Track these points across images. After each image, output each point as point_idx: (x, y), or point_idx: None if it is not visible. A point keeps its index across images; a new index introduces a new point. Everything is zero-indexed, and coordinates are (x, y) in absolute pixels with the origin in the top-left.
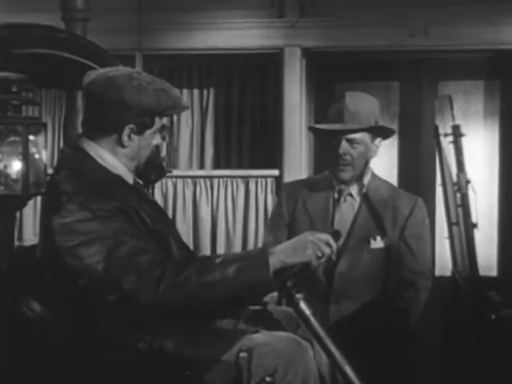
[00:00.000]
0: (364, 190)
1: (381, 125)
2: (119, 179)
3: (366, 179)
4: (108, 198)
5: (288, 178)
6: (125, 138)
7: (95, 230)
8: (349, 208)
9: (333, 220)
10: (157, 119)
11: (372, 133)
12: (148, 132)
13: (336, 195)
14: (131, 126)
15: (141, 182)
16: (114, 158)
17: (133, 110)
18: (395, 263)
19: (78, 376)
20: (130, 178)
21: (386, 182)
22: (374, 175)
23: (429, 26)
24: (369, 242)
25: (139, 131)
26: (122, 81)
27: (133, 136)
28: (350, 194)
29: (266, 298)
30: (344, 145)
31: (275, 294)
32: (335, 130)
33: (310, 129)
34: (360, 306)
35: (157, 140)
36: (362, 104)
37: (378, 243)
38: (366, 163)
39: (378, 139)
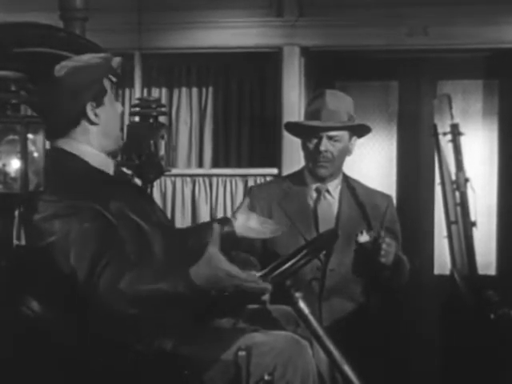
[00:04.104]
0: (340, 187)
1: (362, 123)
2: (99, 173)
3: (340, 177)
4: (78, 195)
5: None
6: (92, 117)
7: (59, 228)
8: (329, 206)
9: (316, 219)
10: (105, 84)
11: (350, 131)
12: (106, 99)
13: (314, 194)
14: (90, 103)
15: (140, 181)
16: (90, 148)
17: (82, 89)
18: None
19: (77, 376)
20: (109, 166)
21: (358, 181)
22: (344, 174)
23: (427, 25)
24: (356, 237)
25: (98, 103)
26: (57, 74)
27: (97, 111)
28: (328, 192)
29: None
30: (325, 142)
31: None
32: (316, 127)
33: (289, 126)
34: (352, 302)
35: (119, 107)
36: (342, 102)
37: (364, 237)
38: (343, 161)
39: (354, 137)
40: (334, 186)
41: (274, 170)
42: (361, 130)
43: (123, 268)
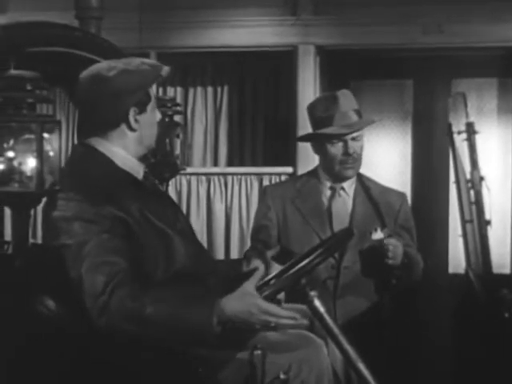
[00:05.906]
0: (354, 185)
1: (377, 120)
2: (126, 176)
3: (355, 175)
4: (102, 197)
5: None
6: (132, 123)
7: (77, 233)
8: (344, 203)
9: (330, 217)
10: (150, 91)
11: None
12: (149, 107)
13: (329, 192)
14: (133, 108)
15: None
16: (122, 151)
17: (128, 94)
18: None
19: (91, 374)
20: (139, 171)
21: (372, 179)
22: (358, 172)
23: (442, 23)
24: (370, 234)
25: (141, 110)
26: (106, 74)
27: (138, 117)
28: (343, 189)
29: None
30: (351, 144)
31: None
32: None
33: (309, 137)
34: (365, 300)
35: (158, 115)
36: (351, 100)
37: (378, 234)
38: None
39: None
40: (349, 184)
41: (289, 169)
42: None
43: (137, 288)
